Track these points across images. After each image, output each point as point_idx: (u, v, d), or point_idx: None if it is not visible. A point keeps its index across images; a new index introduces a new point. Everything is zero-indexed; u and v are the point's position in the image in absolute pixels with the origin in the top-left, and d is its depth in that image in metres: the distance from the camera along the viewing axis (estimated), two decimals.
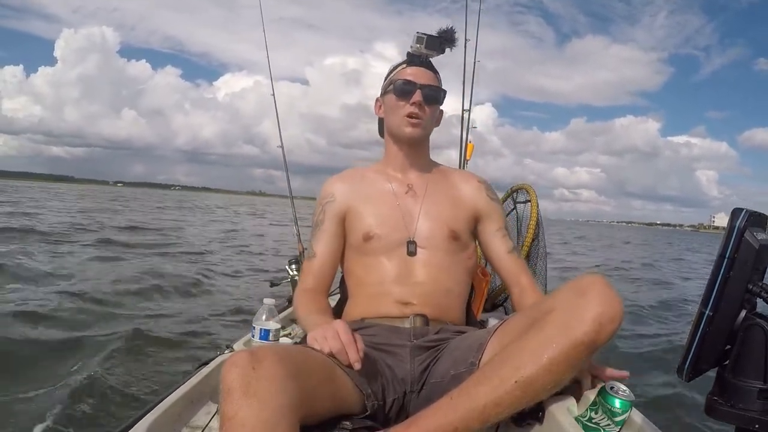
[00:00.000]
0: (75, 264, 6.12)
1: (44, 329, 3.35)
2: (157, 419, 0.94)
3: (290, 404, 0.77)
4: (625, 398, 0.89)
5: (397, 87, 1.29)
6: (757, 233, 0.70)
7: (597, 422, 0.91)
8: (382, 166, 1.39)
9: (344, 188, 1.35)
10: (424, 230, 1.27)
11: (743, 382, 0.71)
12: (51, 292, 4.36)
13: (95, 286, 4.76)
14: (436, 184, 1.35)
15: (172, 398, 1.03)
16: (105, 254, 7.10)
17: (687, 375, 0.74)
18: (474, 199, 1.35)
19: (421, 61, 1.33)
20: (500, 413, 0.88)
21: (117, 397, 2.41)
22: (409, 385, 1.09)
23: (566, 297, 0.90)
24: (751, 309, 0.73)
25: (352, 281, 1.31)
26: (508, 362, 0.89)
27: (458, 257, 1.28)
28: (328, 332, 0.97)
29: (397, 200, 1.31)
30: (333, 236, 1.33)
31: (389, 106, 1.33)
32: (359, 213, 1.30)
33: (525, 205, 2.08)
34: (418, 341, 1.15)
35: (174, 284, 5.22)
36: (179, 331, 3.55)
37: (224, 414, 0.74)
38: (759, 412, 0.69)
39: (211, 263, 7.22)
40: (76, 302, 4.07)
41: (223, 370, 0.77)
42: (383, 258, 1.25)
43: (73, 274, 5.35)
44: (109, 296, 4.42)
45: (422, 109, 1.28)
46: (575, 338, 0.85)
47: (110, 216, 15.76)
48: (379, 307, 1.22)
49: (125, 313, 3.97)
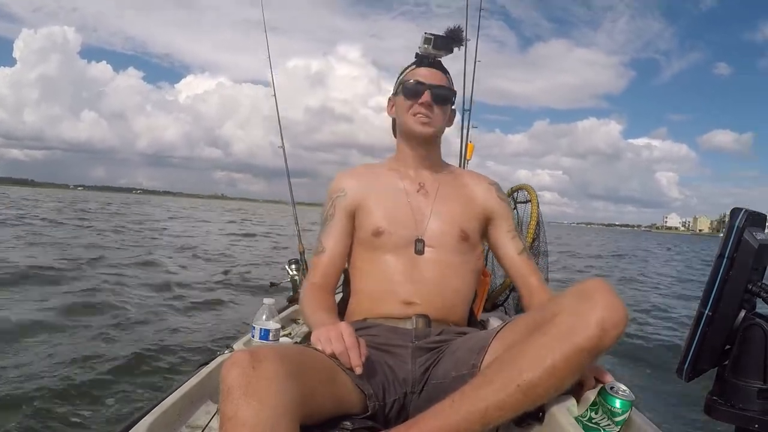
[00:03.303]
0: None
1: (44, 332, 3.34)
2: (157, 419, 0.94)
3: (290, 404, 0.77)
4: (625, 398, 0.89)
5: (407, 87, 1.30)
6: (756, 233, 0.70)
7: (597, 422, 0.91)
8: (394, 164, 1.39)
9: (355, 184, 1.35)
10: (433, 229, 1.27)
11: (743, 382, 0.71)
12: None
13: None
14: (448, 184, 1.35)
15: (172, 398, 1.03)
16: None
17: (687, 375, 0.74)
18: (485, 200, 1.35)
19: (430, 61, 1.33)
20: (502, 416, 0.88)
21: (117, 397, 2.41)
22: (410, 386, 1.09)
23: (570, 301, 0.90)
24: (750, 309, 0.73)
25: (357, 277, 1.31)
26: (511, 365, 0.89)
27: (466, 258, 1.28)
28: (332, 333, 0.97)
29: (408, 198, 1.31)
30: (343, 231, 1.32)
31: (400, 106, 1.33)
32: (370, 209, 1.30)
33: (525, 205, 2.08)
34: (420, 342, 1.15)
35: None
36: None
37: (224, 414, 0.74)
38: (758, 412, 0.69)
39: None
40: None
41: (223, 370, 0.77)
42: (390, 255, 1.25)
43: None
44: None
45: (431, 109, 1.28)
46: (578, 343, 0.85)
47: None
48: (382, 306, 1.22)
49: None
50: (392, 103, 1.39)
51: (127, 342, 3.26)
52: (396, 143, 1.40)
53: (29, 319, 3.60)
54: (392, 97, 1.39)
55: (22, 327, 3.40)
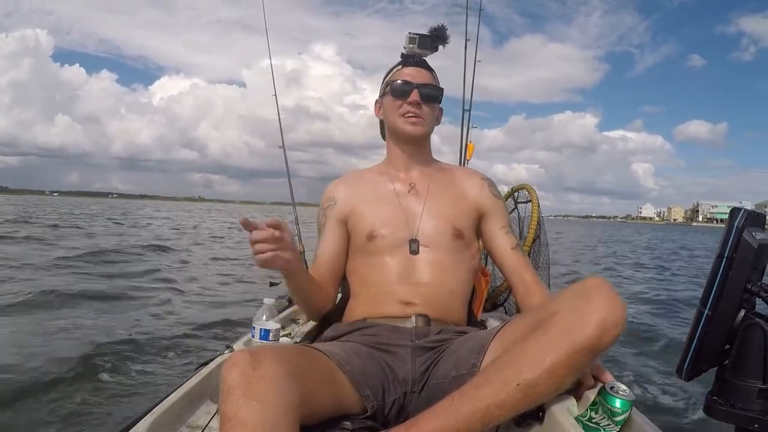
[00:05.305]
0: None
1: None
2: (157, 419, 0.94)
3: (290, 404, 0.77)
4: (625, 398, 0.89)
5: (395, 88, 1.30)
6: (756, 233, 0.70)
7: (597, 422, 0.91)
8: (384, 167, 1.39)
9: (346, 191, 1.36)
10: (426, 229, 1.27)
11: (743, 381, 0.71)
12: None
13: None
14: (439, 183, 1.35)
15: (172, 398, 1.03)
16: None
17: (686, 374, 0.74)
18: (477, 196, 1.35)
19: (415, 60, 1.33)
20: (502, 416, 0.88)
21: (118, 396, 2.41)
22: (410, 386, 1.09)
23: (570, 300, 0.90)
24: (750, 308, 0.73)
25: (355, 280, 1.31)
26: (511, 365, 0.89)
27: (461, 256, 1.28)
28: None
29: (399, 200, 1.31)
30: (335, 239, 1.33)
31: (388, 107, 1.33)
32: (362, 214, 1.30)
33: (526, 205, 2.09)
34: (420, 341, 1.15)
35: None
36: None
37: (224, 414, 0.74)
38: (758, 412, 0.69)
39: None
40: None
41: (223, 370, 0.77)
42: (386, 257, 1.25)
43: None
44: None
45: (420, 107, 1.28)
46: (578, 342, 0.85)
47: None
48: (381, 306, 1.22)
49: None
50: (380, 104, 1.39)
51: (127, 342, 3.25)
52: (386, 145, 1.40)
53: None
54: (379, 99, 1.39)
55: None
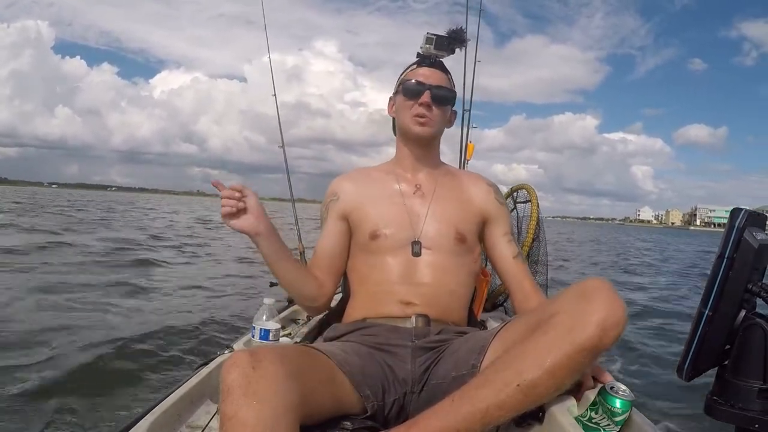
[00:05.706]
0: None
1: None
2: (157, 419, 0.94)
3: (290, 404, 0.77)
4: (625, 398, 0.89)
5: (407, 87, 1.29)
6: (756, 233, 0.70)
7: (597, 422, 0.91)
8: (391, 166, 1.39)
9: (350, 187, 1.35)
10: (430, 231, 1.26)
11: (743, 381, 0.71)
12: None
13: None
14: (445, 186, 1.35)
15: (172, 398, 1.03)
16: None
17: (687, 374, 0.74)
18: (483, 202, 1.35)
19: (431, 62, 1.33)
20: (502, 416, 0.88)
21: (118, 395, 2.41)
22: (410, 386, 1.09)
23: (570, 301, 0.90)
24: (750, 309, 0.73)
25: (355, 279, 1.31)
26: (511, 366, 0.89)
27: (463, 260, 1.28)
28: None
29: (404, 200, 1.30)
30: (335, 234, 1.32)
31: (400, 106, 1.32)
32: (366, 212, 1.29)
33: (525, 205, 2.08)
34: (420, 342, 1.14)
35: None
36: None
37: (224, 414, 0.74)
38: (759, 412, 0.69)
39: None
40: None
41: (223, 370, 0.77)
42: (388, 257, 1.24)
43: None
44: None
45: (430, 109, 1.27)
46: (579, 343, 0.85)
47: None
48: (381, 306, 1.22)
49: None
50: (392, 102, 1.38)
51: (127, 342, 3.25)
52: (395, 143, 1.40)
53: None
54: (393, 97, 1.38)
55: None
